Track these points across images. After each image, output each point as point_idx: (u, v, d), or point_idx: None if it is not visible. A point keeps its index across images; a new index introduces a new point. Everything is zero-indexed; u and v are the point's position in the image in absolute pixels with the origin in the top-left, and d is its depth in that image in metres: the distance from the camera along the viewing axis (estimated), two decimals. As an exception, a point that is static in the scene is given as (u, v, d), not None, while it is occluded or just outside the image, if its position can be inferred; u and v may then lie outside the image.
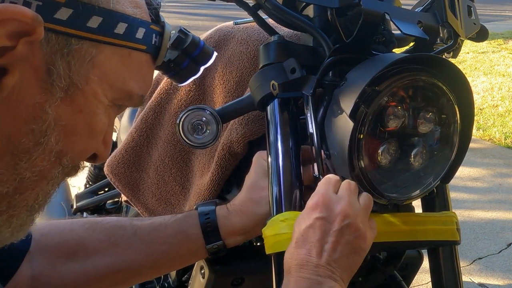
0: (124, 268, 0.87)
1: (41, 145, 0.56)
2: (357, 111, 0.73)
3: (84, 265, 0.85)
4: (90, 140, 0.61)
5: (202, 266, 0.98)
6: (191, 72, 0.74)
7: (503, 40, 7.37)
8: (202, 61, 0.74)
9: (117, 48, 0.58)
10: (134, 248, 0.87)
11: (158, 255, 0.88)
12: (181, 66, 0.72)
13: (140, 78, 0.63)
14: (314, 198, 0.74)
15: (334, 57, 0.80)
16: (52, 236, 0.86)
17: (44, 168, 0.58)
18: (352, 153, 0.73)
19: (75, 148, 0.60)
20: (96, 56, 0.57)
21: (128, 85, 0.61)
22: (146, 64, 0.63)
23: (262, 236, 0.80)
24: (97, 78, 0.58)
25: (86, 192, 2.05)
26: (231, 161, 0.99)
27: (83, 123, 0.59)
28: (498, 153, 3.83)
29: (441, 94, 0.78)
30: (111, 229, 0.88)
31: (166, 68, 0.71)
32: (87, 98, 0.58)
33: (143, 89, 0.64)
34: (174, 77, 0.74)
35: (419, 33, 0.79)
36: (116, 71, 0.59)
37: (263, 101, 0.86)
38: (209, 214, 0.88)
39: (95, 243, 0.86)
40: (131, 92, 0.62)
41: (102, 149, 0.65)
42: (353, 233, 0.73)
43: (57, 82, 0.54)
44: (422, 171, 0.80)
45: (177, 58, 0.71)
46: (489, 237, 2.76)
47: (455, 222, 0.87)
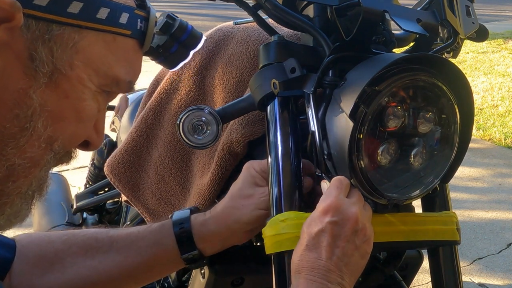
0: (101, 280, 0.86)
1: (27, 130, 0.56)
2: (357, 111, 0.73)
3: (61, 278, 0.84)
4: (79, 126, 0.61)
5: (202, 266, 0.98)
6: (180, 56, 0.74)
7: (503, 40, 7.37)
8: (191, 45, 0.74)
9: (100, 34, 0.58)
10: (110, 260, 0.86)
11: (134, 267, 0.87)
12: (170, 51, 0.72)
13: (127, 63, 0.63)
14: (327, 202, 0.74)
15: (334, 55, 0.80)
16: (31, 247, 0.85)
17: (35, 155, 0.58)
18: (352, 153, 0.73)
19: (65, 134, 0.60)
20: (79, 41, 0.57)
21: (114, 70, 0.61)
22: (132, 50, 0.63)
23: (262, 236, 0.80)
24: (82, 63, 0.58)
25: (86, 192, 2.04)
26: (231, 161, 0.99)
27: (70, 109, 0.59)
28: (498, 153, 3.84)
29: (441, 94, 0.78)
30: (88, 241, 0.87)
31: (155, 54, 0.71)
32: (73, 84, 0.58)
33: (130, 75, 0.64)
34: (164, 63, 0.73)
35: (419, 30, 0.79)
36: (101, 56, 0.59)
37: (263, 101, 0.86)
38: (183, 223, 0.87)
39: (71, 256, 0.85)
40: (117, 77, 0.62)
41: (94, 136, 0.65)
42: (362, 238, 0.74)
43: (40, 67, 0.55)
44: (422, 171, 0.80)
45: (165, 43, 0.71)
46: (489, 237, 2.76)
47: (455, 222, 0.87)
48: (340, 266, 0.72)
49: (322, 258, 0.72)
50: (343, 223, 0.73)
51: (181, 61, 0.74)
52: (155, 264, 0.88)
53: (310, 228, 0.74)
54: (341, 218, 0.73)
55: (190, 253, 0.86)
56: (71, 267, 0.85)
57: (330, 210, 0.73)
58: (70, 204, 2.11)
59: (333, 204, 0.73)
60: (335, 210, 0.73)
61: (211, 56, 1.08)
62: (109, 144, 1.96)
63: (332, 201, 0.74)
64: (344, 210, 0.73)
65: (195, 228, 0.87)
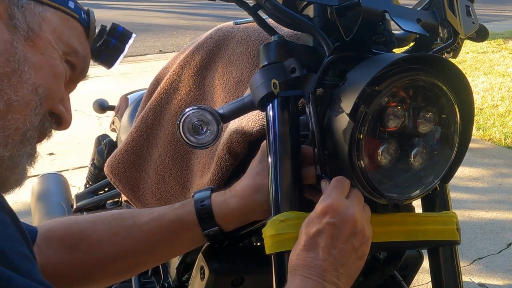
0: (125, 256, 0.90)
1: (17, 71, 0.69)
2: (357, 111, 0.73)
3: (87, 255, 0.89)
4: (54, 80, 0.74)
5: (202, 266, 0.98)
6: (118, 50, 0.88)
7: (503, 40, 7.37)
8: (124, 40, 0.89)
9: (57, 12, 0.75)
10: (133, 237, 0.90)
11: (156, 243, 0.90)
12: (109, 46, 0.87)
13: (79, 42, 0.78)
14: (326, 202, 0.75)
15: (335, 55, 0.80)
16: (57, 229, 0.91)
17: (25, 94, 0.70)
18: (352, 153, 0.73)
19: (45, 83, 0.72)
20: (42, 12, 0.73)
21: (71, 42, 0.76)
22: (82, 34, 0.79)
23: (262, 236, 0.80)
24: (48, 29, 0.73)
25: (86, 192, 2.05)
26: (231, 161, 0.99)
27: (46, 63, 0.73)
28: (498, 153, 3.84)
29: (441, 94, 0.78)
30: (113, 220, 0.92)
31: (97, 53, 0.87)
32: (44, 43, 0.73)
33: (85, 52, 0.79)
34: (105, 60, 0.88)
35: (419, 30, 0.79)
36: (61, 28, 0.75)
37: (263, 101, 0.86)
38: (204, 200, 0.90)
39: (97, 234, 0.90)
40: (75, 48, 0.77)
41: (63, 111, 0.77)
42: (361, 240, 0.75)
43: (18, 24, 0.70)
44: (422, 171, 0.80)
45: (104, 41, 0.87)
46: (489, 237, 2.76)
47: (455, 222, 0.87)
48: (336, 267, 0.73)
49: (319, 258, 0.72)
50: (341, 224, 0.73)
51: (119, 55, 0.89)
52: (177, 240, 0.91)
53: (309, 228, 0.74)
54: (340, 219, 0.73)
55: (211, 230, 0.89)
56: (97, 243, 0.90)
57: (329, 211, 0.74)
58: (70, 204, 2.11)
59: (332, 205, 0.74)
60: (334, 211, 0.73)
61: (211, 56, 1.08)
62: (109, 144, 1.96)
63: (331, 202, 0.74)
64: (343, 212, 0.74)
65: (215, 205, 0.89)
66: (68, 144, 3.80)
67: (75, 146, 3.79)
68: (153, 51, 7.38)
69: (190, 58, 1.11)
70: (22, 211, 2.75)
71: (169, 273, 1.25)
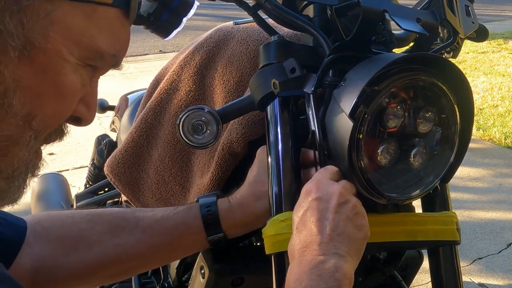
0: (126, 259, 0.88)
1: (2, 108, 0.53)
2: (356, 111, 0.73)
3: (86, 256, 0.86)
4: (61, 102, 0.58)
5: (202, 266, 0.98)
6: (172, 24, 0.69)
7: (503, 40, 7.37)
8: (182, 12, 0.69)
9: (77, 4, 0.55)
10: (135, 239, 0.87)
11: (159, 247, 0.89)
12: (161, 19, 0.67)
13: (111, 35, 0.59)
14: (308, 184, 0.74)
15: (334, 55, 0.80)
16: (54, 229, 0.86)
17: (12, 133, 0.56)
18: (352, 153, 0.73)
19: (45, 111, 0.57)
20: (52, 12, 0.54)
21: (97, 42, 0.58)
22: (117, 20, 0.59)
23: (262, 236, 0.80)
24: (59, 35, 0.55)
25: (86, 192, 2.05)
26: (231, 161, 0.99)
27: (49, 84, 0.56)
28: (498, 153, 3.83)
29: (441, 94, 0.78)
30: (113, 221, 0.89)
31: (146, 23, 0.67)
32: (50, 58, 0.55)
33: (116, 48, 0.61)
34: (157, 31, 0.69)
35: (419, 29, 0.79)
36: (80, 28, 0.56)
37: (263, 101, 0.86)
38: (210, 206, 0.89)
39: (97, 235, 0.87)
40: (101, 50, 0.59)
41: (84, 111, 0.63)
42: (352, 210, 0.72)
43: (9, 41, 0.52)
44: (422, 171, 0.80)
45: (155, 10, 0.66)
46: (489, 237, 2.76)
47: (455, 222, 0.87)
48: (333, 237, 0.69)
49: (313, 233, 0.69)
50: (327, 197, 0.71)
51: (174, 29, 0.70)
52: (180, 244, 0.90)
53: (297, 213, 0.73)
54: (325, 193, 0.71)
55: (216, 235, 0.88)
56: (97, 245, 0.86)
57: (312, 189, 0.73)
58: (70, 204, 2.11)
59: (314, 184, 0.73)
60: (317, 188, 0.72)
61: (211, 56, 1.08)
62: (109, 144, 1.96)
63: (313, 181, 0.73)
64: (325, 187, 0.72)
65: (221, 213, 0.88)
66: (68, 144, 3.79)
67: (75, 146, 3.78)
68: (153, 51, 7.37)
69: (190, 58, 1.11)
70: (22, 211, 2.73)
71: (169, 273, 1.25)
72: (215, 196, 0.91)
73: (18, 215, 0.74)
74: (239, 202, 0.89)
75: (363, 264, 1.00)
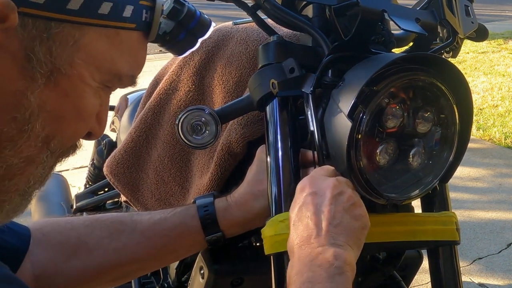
0: (126, 262, 0.88)
1: (26, 132, 0.54)
2: (355, 111, 0.73)
3: (86, 262, 0.86)
4: (79, 124, 0.60)
5: (201, 266, 0.98)
6: (188, 44, 0.70)
7: (503, 40, 7.37)
8: (199, 33, 0.70)
9: (103, 29, 0.56)
10: (134, 242, 0.88)
11: (158, 248, 0.89)
12: (177, 38, 0.68)
13: (130, 57, 0.60)
14: (302, 180, 0.74)
15: (333, 55, 0.80)
16: (54, 235, 0.87)
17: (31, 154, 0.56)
18: (351, 153, 0.73)
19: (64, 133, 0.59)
20: (80, 39, 0.54)
21: (117, 66, 0.59)
22: (137, 42, 0.61)
23: (261, 237, 0.80)
24: (83, 61, 0.55)
25: (86, 192, 2.05)
26: (230, 162, 0.99)
27: (70, 108, 0.57)
28: (498, 153, 3.83)
29: (440, 94, 0.78)
30: (112, 225, 0.89)
31: (162, 41, 0.67)
32: (73, 82, 0.56)
33: (134, 69, 0.62)
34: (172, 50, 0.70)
35: (418, 29, 0.79)
36: (103, 52, 0.57)
37: (262, 101, 0.86)
38: (207, 206, 0.89)
39: (96, 239, 0.87)
40: (120, 73, 0.60)
41: (97, 128, 0.64)
42: (348, 201, 0.71)
43: (38, 68, 0.53)
44: (421, 171, 0.80)
45: (172, 30, 0.67)
46: (489, 237, 2.76)
47: (455, 222, 0.87)
48: (329, 229, 0.68)
49: (310, 227, 0.69)
50: (321, 191, 0.71)
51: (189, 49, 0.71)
52: (179, 245, 0.90)
53: (293, 210, 0.73)
54: (319, 188, 0.71)
55: (214, 235, 0.89)
56: (96, 250, 0.86)
57: (306, 185, 0.73)
58: (70, 204, 2.11)
59: (307, 180, 0.73)
60: (310, 184, 0.72)
61: (210, 56, 1.08)
62: (108, 144, 1.96)
63: (307, 178, 0.74)
64: (319, 182, 0.72)
65: (218, 213, 0.89)
66: (68, 144, 3.78)
67: (75, 146, 3.77)
68: (153, 51, 7.35)
69: (189, 58, 1.11)
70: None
71: (169, 273, 1.25)
72: (212, 196, 0.91)
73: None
74: (237, 201, 0.89)
75: (363, 264, 1.00)
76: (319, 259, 0.66)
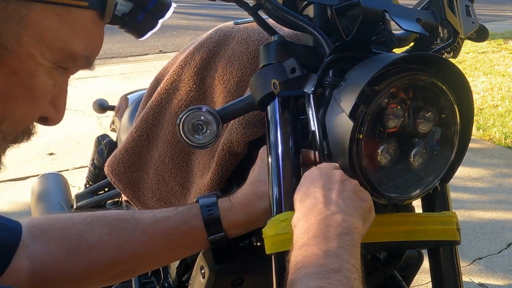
0: (126, 260, 0.87)
1: None
2: (356, 110, 0.73)
3: (86, 259, 0.85)
4: (32, 105, 0.58)
5: (202, 266, 0.98)
6: (148, 26, 0.67)
7: (503, 40, 7.37)
8: (158, 14, 0.68)
9: (52, 6, 0.54)
10: (136, 240, 0.87)
11: (160, 247, 0.88)
12: (136, 20, 0.66)
13: (85, 38, 0.59)
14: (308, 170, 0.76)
15: (335, 55, 0.80)
16: (53, 232, 0.86)
17: None
18: (352, 153, 0.74)
19: (15, 114, 0.57)
20: (26, 15, 0.53)
21: (70, 45, 0.57)
22: (91, 22, 0.59)
23: (262, 236, 0.80)
24: (32, 39, 0.54)
25: (86, 192, 2.05)
26: (231, 161, 0.99)
27: (21, 87, 0.56)
28: (498, 153, 3.83)
29: (441, 94, 0.78)
30: (113, 222, 0.88)
31: (121, 23, 0.65)
32: (22, 61, 0.54)
33: (89, 49, 0.60)
34: (132, 32, 0.68)
35: (419, 30, 0.79)
36: (53, 31, 0.55)
37: (263, 101, 0.86)
38: (211, 206, 0.89)
39: (96, 236, 0.86)
40: (74, 53, 0.58)
41: (53, 113, 0.62)
42: (354, 187, 0.73)
43: None
44: (422, 171, 0.80)
45: (131, 11, 0.65)
46: (489, 237, 2.76)
47: (455, 222, 0.87)
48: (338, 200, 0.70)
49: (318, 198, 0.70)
50: (329, 175, 0.73)
51: (149, 30, 0.68)
52: (181, 244, 0.89)
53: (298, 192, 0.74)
54: (326, 172, 0.74)
55: (217, 235, 0.88)
56: (96, 247, 0.86)
57: (313, 171, 0.75)
58: (70, 204, 2.11)
59: (314, 168, 0.75)
60: (317, 169, 0.74)
61: (211, 56, 1.08)
62: (109, 144, 1.96)
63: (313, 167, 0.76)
64: (326, 169, 0.75)
65: (222, 213, 0.88)
66: (68, 144, 3.79)
67: (75, 146, 3.78)
68: (153, 51, 7.37)
69: (190, 58, 1.11)
70: (22, 211, 2.75)
71: (169, 273, 1.25)
72: (215, 196, 0.91)
73: (18, 215, 0.74)
74: (241, 202, 0.89)
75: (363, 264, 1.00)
76: (327, 220, 0.67)
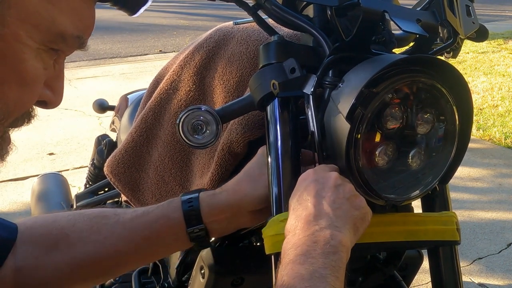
0: (107, 257, 0.86)
1: None
2: (354, 112, 0.73)
3: (67, 255, 0.84)
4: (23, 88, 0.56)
5: (202, 266, 0.98)
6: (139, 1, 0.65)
7: (503, 40, 7.37)
8: None
9: None
10: (116, 236, 0.86)
11: (140, 241, 0.87)
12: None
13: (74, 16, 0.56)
14: (305, 172, 0.76)
15: (334, 56, 0.80)
16: (36, 228, 0.86)
17: None
18: (350, 155, 0.74)
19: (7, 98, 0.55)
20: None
21: (58, 25, 0.55)
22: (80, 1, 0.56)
23: (262, 236, 0.80)
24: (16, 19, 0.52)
25: (86, 192, 2.05)
26: (231, 161, 0.99)
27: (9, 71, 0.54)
28: (498, 153, 3.83)
29: (440, 96, 0.78)
30: (94, 219, 0.87)
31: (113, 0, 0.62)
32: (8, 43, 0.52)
33: (80, 29, 0.57)
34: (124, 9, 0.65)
35: (418, 31, 0.79)
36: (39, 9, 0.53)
37: (263, 101, 0.86)
38: (192, 198, 0.88)
39: (77, 232, 0.85)
40: (63, 32, 0.55)
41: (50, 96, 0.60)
42: (349, 191, 0.73)
43: None
44: (420, 172, 0.80)
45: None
46: (489, 237, 2.76)
47: (455, 222, 0.87)
48: (328, 212, 0.69)
49: (309, 209, 0.70)
50: (323, 180, 0.72)
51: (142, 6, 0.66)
52: (161, 238, 0.88)
53: (293, 197, 0.74)
54: (321, 177, 0.73)
55: (196, 227, 0.86)
56: (77, 242, 0.85)
57: (308, 175, 0.74)
58: (70, 204, 2.11)
59: (310, 171, 0.75)
60: (313, 173, 0.74)
61: (211, 56, 1.08)
62: (109, 144, 1.96)
63: (310, 170, 0.75)
64: (321, 172, 0.74)
65: (203, 201, 0.87)
66: (68, 144, 3.80)
67: (75, 146, 3.79)
68: (153, 51, 7.38)
69: (190, 58, 1.11)
70: (22, 211, 2.75)
71: (169, 273, 1.25)
72: (197, 192, 0.90)
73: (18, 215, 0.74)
74: (230, 188, 0.88)
75: (363, 264, 1.00)
76: (315, 236, 0.67)
